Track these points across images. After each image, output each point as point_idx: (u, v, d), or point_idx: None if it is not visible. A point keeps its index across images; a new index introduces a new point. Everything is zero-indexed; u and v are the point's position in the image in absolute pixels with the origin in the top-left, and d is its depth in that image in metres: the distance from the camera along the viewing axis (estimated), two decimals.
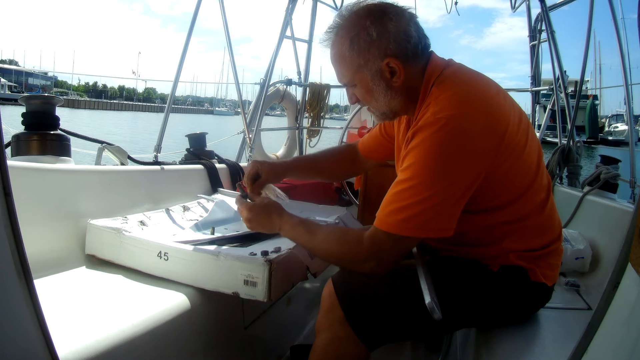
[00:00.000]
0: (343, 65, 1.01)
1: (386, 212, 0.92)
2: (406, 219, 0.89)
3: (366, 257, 0.95)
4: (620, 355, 0.52)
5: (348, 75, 1.02)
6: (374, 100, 1.03)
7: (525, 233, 1.01)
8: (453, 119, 0.87)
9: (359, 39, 0.96)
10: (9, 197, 0.53)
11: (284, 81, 3.52)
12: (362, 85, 1.01)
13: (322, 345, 0.99)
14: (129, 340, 0.89)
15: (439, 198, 0.87)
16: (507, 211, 0.99)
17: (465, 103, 0.90)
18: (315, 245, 1.04)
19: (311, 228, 1.05)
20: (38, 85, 61.17)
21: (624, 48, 2.27)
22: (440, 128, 0.87)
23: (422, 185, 0.87)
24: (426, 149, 0.88)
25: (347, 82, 1.04)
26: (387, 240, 0.92)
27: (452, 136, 0.87)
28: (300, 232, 1.06)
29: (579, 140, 2.65)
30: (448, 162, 0.88)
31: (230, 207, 1.77)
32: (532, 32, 3.23)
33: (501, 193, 0.97)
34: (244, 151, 2.84)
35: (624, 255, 0.53)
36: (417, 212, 0.88)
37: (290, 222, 1.07)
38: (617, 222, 1.64)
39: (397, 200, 0.90)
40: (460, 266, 1.03)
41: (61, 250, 1.27)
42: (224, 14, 2.62)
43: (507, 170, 0.94)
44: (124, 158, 1.86)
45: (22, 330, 0.57)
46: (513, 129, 0.93)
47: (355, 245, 0.96)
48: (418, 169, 0.89)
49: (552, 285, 1.07)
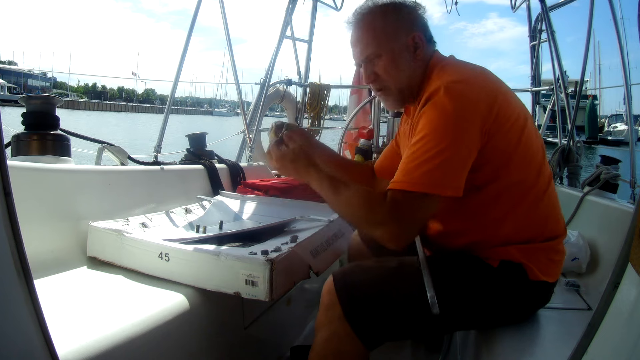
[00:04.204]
0: (371, 35, 1.06)
1: (402, 172, 0.94)
2: (421, 175, 0.91)
3: (386, 219, 0.93)
4: (621, 355, 0.52)
5: (374, 45, 1.06)
6: (397, 72, 1.07)
7: (527, 219, 1.02)
8: (453, 83, 0.96)
9: (392, 11, 1.07)
10: (9, 197, 0.53)
11: (284, 81, 3.53)
12: (389, 55, 1.06)
13: (322, 343, 0.99)
14: (129, 340, 0.89)
15: (449, 153, 0.91)
16: (510, 191, 1.01)
17: (464, 72, 1.02)
18: (338, 203, 1.03)
19: (336, 185, 1.03)
20: (37, 87, 61.04)
21: (624, 48, 2.27)
22: (443, 93, 0.94)
23: (431, 143, 0.92)
24: (432, 112, 0.95)
25: (371, 52, 1.07)
26: (404, 199, 0.92)
27: (453, 97, 0.94)
28: (324, 187, 1.04)
29: (579, 140, 2.65)
30: (451, 120, 0.93)
31: (229, 208, 1.77)
32: (532, 32, 3.24)
33: (504, 168, 1.00)
34: (244, 151, 2.84)
35: (624, 255, 0.53)
36: (430, 167, 0.91)
37: (317, 175, 1.06)
38: (617, 222, 1.64)
39: (411, 160, 0.94)
40: (460, 262, 1.04)
41: (61, 250, 1.27)
42: (224, 14, 2.62)
43: (509, 143, 0.99)
44: (124, 158, 1.86)
45: (22, 330, 0.57)
46: (509, 103, 1.00)
47: (378, 206, 0.95)
48: (427, 131, 0.94)
49: (554, 284, 1.07)
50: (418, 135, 0.95)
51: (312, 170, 1.07)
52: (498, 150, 0.98)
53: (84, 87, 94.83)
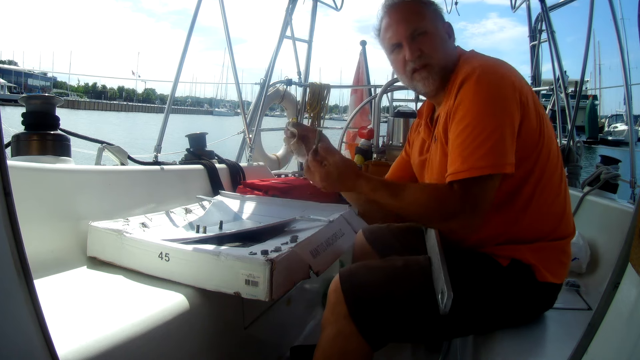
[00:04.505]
0: (419, 11, 1.09)
1: (460, 160, 0.95)
2: (480, 158, 0.93)
3: (460, 209, 0.95)
4: (621, 355, 0.52)
5: (421, 21, 1.08)
6: (442, 48, 1.09)
7: (543, 214, 1.03)
8: (486, 66, 1.00)
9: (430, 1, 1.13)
10: (9, 197, 0.53)
11: (284, 81, 3.53)
12: (435, 32, 1.09)
13: (327, 341, 0.99)
14: (129, 340, 0.89)
15: (499, 132, 0.94)
16: (531, 184, 1.02)
17: (492, 60, 1.05)
18: (402, 206, 1.01)
19: (393, 188, 1.02)
20: (37, 86, 61.01)
21: (624, 48, 2.27)
22: (477, 76, 0.97)
23: (480, 126, 0.94)
24: (472, 96, 0.97)
25: (417, 27, 1.07)
26: (473, 185, 0.93)
27: (489, 77, 0.97)
28: (380, 194, 1.02)
29: (579, 140, 2.65)
30: (494, 100, 0.96)
31: (229, 208, 1.77)
32: (532, 32, 3.24)
33: (526, 157, 1.01)
34: (244, 151, 2.84)
35: (624, 255, 0.53)
36: (486, 150, 0.93)
37: (369, 184, 1.04)
38: (617, 222, 1.64)
39: (466, 147, 0.95)
40: (469, 260, 1.03)
41: (61, 250, 1.27)
42: (224, 14, 2.62)
43: (533, 132, 1.01)
44: (124, 158, 1.86)
45: (22, 330, 0.57)
46: (532, 95, 1.03)
47: (448, 198, 0.96)
48: (472, 115, 0.96)
49: (559, 287, 1.07)
50: (463, 121, 0.96)
51: (362, 181, 1.04)
52: (523, 140, 0.99)
53: (84, 86, 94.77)
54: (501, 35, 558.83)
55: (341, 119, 17.55)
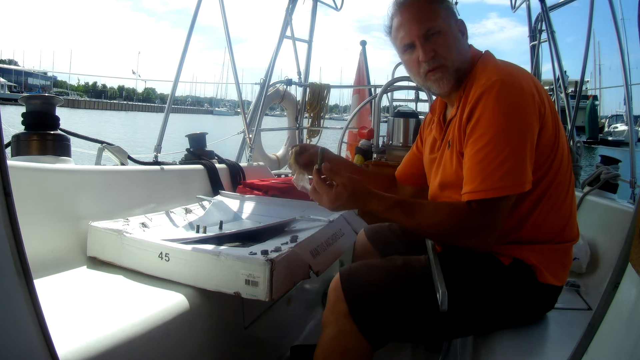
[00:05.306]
0: (431, 10, 1.05)
1: (480, 179, 0.94)
2: (501, 178, 0.92)
3: (479, 228, 0.95)
4: (621, 355, 0.52)
5: (434, 20, 1.04)
6: (457, 48, 1.06)
7: (549, 218, 1.03)
8: (505, 78, 0.96)
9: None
10: (9, 197, 0.53)
11: (284, 81, 3.53)
12: (449, 32, 1.06)
13: (328, 339, 0.99)
14: (129, 340, 0.89)
15: (519, 151, 0.93)
16: (544, 187, 1.01)
17: (510, 68, 1.03)
18: (418, 225, 1.00)
19: (409, 207, 1.00)
20: (38, 85, 61.09)
21: (624, 48, 2.27)
22: (498, 89, 0.95)
23: (501, 145, 0.93)
24: (492, 111, 0.95)
25: (431, 26, 1.04)
26: (493, 205, 0.93)
27: (509, 92, 0.95)
28: (395, 213, 1.00)
29: (579, 140, 2.65)
30: (512, 115, 0.94)
31: (229, 208, 1.77)
32: (532, 32, 3.23)
33: (539, 165, 1.00)
34: (244, 151, 2.84)
35: (624, 255, 0.53)
36: (507, 169, 0.92)
37: (381, 203, 1.01)
38: (617, 222, 1.64)
39: (485, 165, 0.94)
40: (470, 258, 1.03)
41: (61, 250, 1.27)
42: (224, 14, 2.62)
43: (549, 138, 0.99)
44: (124, 158, 1.86)
45: (22, 330, 0.57)
46: (548, 100, 1.01)
47: (467, 218, 0.95)
48: (493, 131, 0.94)
49: (560, 289, 1.07)
50: (483, 138, 0.95)
51: (374, 200, 1.01)
52: (539, 150, 0.98)
53: (84, 86, 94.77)
54: (501, 35, 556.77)
55: (341, 118, 17.56)
